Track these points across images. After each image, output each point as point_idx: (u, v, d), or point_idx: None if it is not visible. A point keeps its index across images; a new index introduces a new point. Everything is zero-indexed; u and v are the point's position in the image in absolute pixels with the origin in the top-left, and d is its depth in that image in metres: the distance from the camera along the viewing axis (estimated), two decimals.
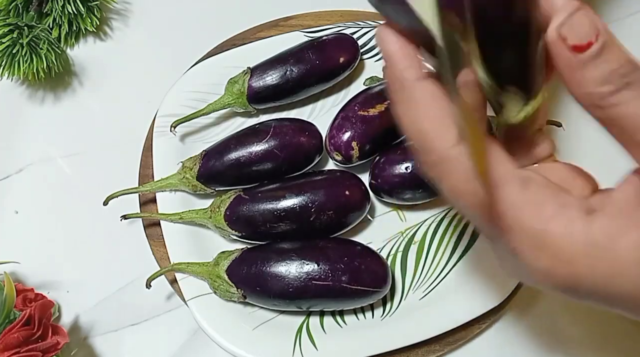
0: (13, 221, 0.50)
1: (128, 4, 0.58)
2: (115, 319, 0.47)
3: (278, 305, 0.43)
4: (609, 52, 0.23)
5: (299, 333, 0.44)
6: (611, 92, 0.23)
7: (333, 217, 0.44)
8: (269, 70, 0.49)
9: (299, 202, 0.44)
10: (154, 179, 0.48)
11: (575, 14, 0.23)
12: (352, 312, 0.45)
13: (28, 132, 0.54)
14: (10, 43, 0.50)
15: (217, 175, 0.46)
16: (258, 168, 0.46)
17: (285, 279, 0.42)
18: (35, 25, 0.51)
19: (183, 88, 0.51)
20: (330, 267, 0.42)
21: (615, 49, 0.23)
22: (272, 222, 0.44)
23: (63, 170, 0.52)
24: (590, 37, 0.22)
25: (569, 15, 0.23)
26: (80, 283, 0.48)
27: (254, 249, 0.45)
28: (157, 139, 0.49)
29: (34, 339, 0.40)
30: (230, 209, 0.45)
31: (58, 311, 0.47)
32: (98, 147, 0.53)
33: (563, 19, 0.23)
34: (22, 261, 0.47)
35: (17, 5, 0.53)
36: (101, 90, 0.55)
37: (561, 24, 0.23)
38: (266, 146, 0.46)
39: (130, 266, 0.48)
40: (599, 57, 0.23)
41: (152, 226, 0.48)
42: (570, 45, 0.23)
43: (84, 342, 0.47)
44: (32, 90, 0.55)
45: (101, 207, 0.46)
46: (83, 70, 0.56)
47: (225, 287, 0.43)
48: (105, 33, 0.57)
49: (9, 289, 0.42)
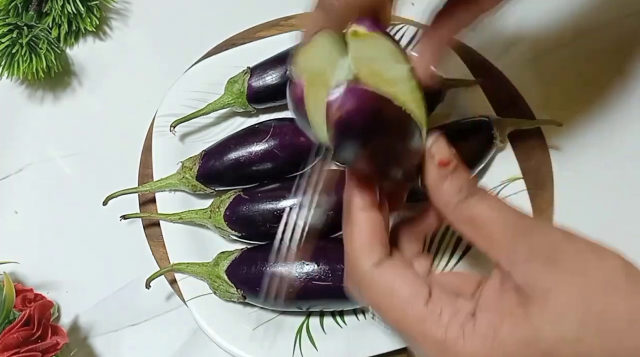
0: (13, 221, 0.50)
1: (128, 4, 0.58)
2: (115, 319, 0.47)
3: (278, 305, 0.43)
4: (460, 171, 0.30)
5: (298, 333, 0.44)
6: (465, 198, 0.30)
7: (333, 218, 0.44)
8: (269, 70, 0.49)
9: (299, 202, 0.44)
10: (154, 179, 0.48)
11: (438, 140, 0.31)
12: (352, 312, 0.45)
13: (28, 132, 0.53)
14: (10, 43, 0.50)
15: (216, 175, 0.46)
16: (258, 168, 0.46)
17: (285, 280, 0.42)
18: (35, 25, 0.51)
19: (183, 88, 0.51)
20: (330, 268, 0.42)
21: (462, 169, 0.31)
22: (272, 222, 0.44)
23: (63, 171, 0.52)
24: (450, 158, 0.30)
25: (436, 140, 0.31)
26: (79, 283, 0.48)
27: (254, 249, 0.45)
28: (157, 139, 0.49)
29: (33, 339, 0.40)
30: (230, 209, 0.45)
31: (57, 311, 0.47)
32: (98, 147, 0.53)
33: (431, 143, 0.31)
34: (22, 261, 0.47)
35: (16, 5, 0.53)
36: (101, 90, 0.55)
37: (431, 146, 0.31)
38: (266, 146, 0.46)
39: (130, 266, 0.48)
40: (454, 173, 0.30)
41: (152, 226, 0.48)
42: (438, 160, 0.30)
43: (83, 343, 0.46)
44: (32, 90, 0.55)
45: (101, 207, 0.46)
46: (82, 70, 0.56)
47: (225, 288, 0.43)
48: (104, 33, 0.57)
49: (9, 289, 0.42)
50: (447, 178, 0.30)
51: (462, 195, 0.30)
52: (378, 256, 0.31)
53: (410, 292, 0.29)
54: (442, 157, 0.30)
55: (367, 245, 0.31)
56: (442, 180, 0.30)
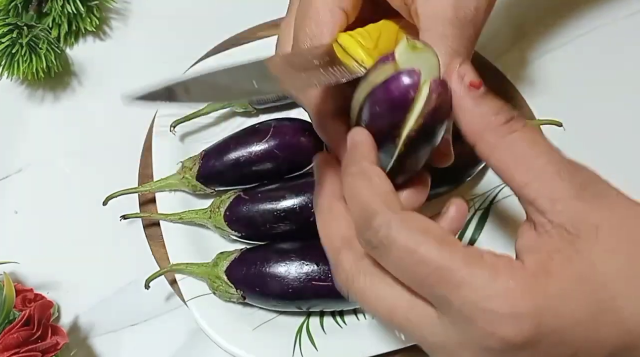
0: (13, 221, 0.50)
1: (128, 4, 0.58)
2: (115, 319, 0.47)
3: (278, 305, 0.43)
4: (491, 95, 0.28)
5: (298, 333, 0.44)
6: (507, 120, 0.27)
7: None
8: None
9: (299, 202, 0.44)
10: (154, 179, 0.48)
11: (464, 63, 0.28)
12: (352, 312, 0.45)
13: (27, 132, 0.53)
14: (10, 43, 0.50)
15: (216, 175, 0.46)
16: (258, 168, 0.46)
17: (284, 280, 0.42)
18: (35, 25, 0.51)
19: None
20: (330, 268, 0.42)
21: (492, 95, 0.28)
22: (272, 223, 0.44)
23: (63, 171, 0.52)
24: (480, 80, 0.28)
25: (462, 62, 0.28)
26: (80, 283, 0.48)
27: (254, 249, 0.45)
28: (157, 139, 0.49)
29: (33, 339, 0.40)
30: (230, 209, 0.45)
31: (58, 311, 0.47)
32: (98, 147, 0.52)
33: (458, 64, 0.28)
34: (22, 261, 0.47)
35: (16, 5, 0.53)
36: (101, 90, 0.55)
37: (458, 66, 0.28)
38: (266, 146, 0.46)
39: (130, 266, 0.48)
40: (487, 95, 0.28)
41: (152, 226, 0.48)
42: (467, 82, 0.27)
43: (83, 343, 0.46)
44: (32, 90, 0.55)
45: (101, 207, 0.46)
46: (82, 70, 0.56)
47: (225, 288, 0.43)
48: (104, 33, 0.57)
49: (9, 289, 0.42)
50: (483, 99, 0.27)
51: (502, 117, 0.27)
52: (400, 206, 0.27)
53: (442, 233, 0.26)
54: (472, 78, 0.28)
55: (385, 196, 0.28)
56: (478, 101, 0.27)
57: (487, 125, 0.27)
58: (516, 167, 0.27)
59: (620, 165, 0.51)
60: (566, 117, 0.48)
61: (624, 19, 0.56)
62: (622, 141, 0.52)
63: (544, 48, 0.55)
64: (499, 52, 0.54)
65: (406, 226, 0.26)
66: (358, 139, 0.30)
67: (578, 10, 0.57)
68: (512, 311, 0.24)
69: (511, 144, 0.27)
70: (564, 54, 0.55)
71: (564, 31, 0.56)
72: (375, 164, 0.29)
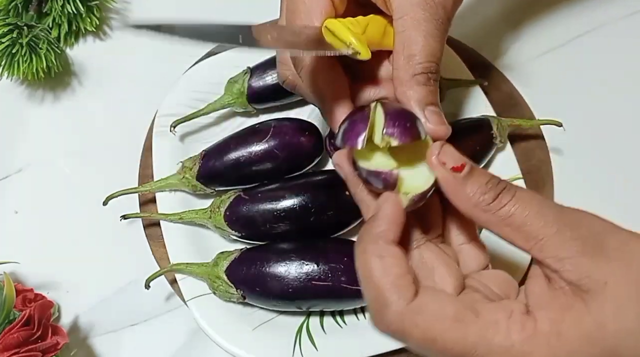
0: (13, 221, 0.50)
1: (128, 4, 0.58)
2: (115, 319, 0.47)
3: (278, 305, 0.43)
4: (477, 172, 0.29)
5: (299, 333, 0.44)
6: (496, 196, 0.28)
7: (333, 218, 0.44)
8: (269, 70, 0.49)
9: (299, 202, 0.44)
10: (154, 179, 0.48)
11: (444, 147, 0.30)
12: (352, 312, 0.45)
13: (27, 132, 0.53)
14: (10, 43, 0.50)
15: (216, 175, 0.46)
16: (258, 168, 0.46)
17: (284, 280, 0.42)
18: (35, 25, 0.51)
19: (183, 88, 0.51)
20: (330, 268, 0.42)
21: (479, 170, 0.29)
22: (272, 223, 0.44)
23: (63, 171, 0.52)
24: (463, 161, 0.29)
25: (441, 147, 0.29)
26: (80, 283, 0.48)
27: (253, 249, 0.45)
28: (157, 139, 0.49)
29: (33, 339, 0.40)
30: (230, 209, 0.45)
31: (58, 311, 0.47)
32: (98, 147, 0.52)
33: (437, 150, 0.29)
34: (22, 261, 0.47)
35: (16, 5, 0.53)
36: (101, 90, 0.55)
37: (438, 153, 0.29)
38: (266, 146, 0.46)
39: (130, 266, 0.48)
40: (472, 175, 0.29)
41: (152, 226, 0.48)
42: (450, 167, 0.29)
43: (83, 343, 0.46)
44: (32, 90, 0.55)
45: (101, 207, 0.46)
46: (82, 70, 0.56)
47: (225, 288, 0.43)
48: (104, 33, 0.57)
49: (9, 289, 0.42)
50: (468, 181, 0.29)
51: (491, 194, 0.28)
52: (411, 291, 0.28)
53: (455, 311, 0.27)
54: (453, 162, 0.29)
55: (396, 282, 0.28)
56: (463, 184, 0.29)
57: (476, 205, 0.28)
58: (515, 237, 0.28)
59: (620, 165, 0.51)
60: (566, 117, 0.48)
61: (624, 19, 0.56)
62: (622, 141, 0.52)
63: (543, 48, 0.55)
64: (499, 52, 0.54)
65: (419, 320, 0.27)
66: (384, 209, 0.30)
67: (578, 9, 0.57)
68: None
69: (504, 218, 0.28)
70: (564, 54, 0.55)
71: (564, 31, 0.56)
72: (395, 241, 0.29)
